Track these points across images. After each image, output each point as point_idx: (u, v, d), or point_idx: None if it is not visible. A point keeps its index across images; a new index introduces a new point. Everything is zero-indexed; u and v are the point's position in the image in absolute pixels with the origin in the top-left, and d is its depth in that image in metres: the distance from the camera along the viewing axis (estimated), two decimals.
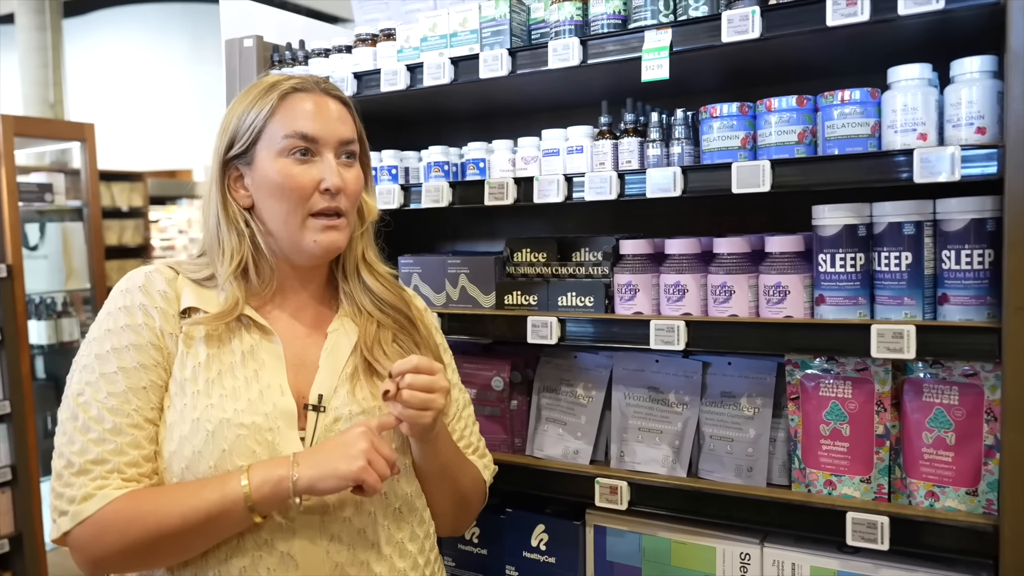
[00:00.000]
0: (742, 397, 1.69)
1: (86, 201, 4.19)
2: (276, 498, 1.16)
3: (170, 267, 1.32)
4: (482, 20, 1.84)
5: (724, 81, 1.93)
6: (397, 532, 1.31)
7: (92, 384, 1.20)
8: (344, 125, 1.30)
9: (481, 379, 1.93)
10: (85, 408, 1.19)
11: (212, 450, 1.19)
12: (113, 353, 1.21)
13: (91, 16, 11.19)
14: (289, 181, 1.25)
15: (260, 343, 1.28)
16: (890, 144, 1.46)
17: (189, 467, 1.19)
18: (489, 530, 1.92)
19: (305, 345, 1.33)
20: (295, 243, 1.28)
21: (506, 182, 1.78)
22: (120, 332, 1.23)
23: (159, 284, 1.28)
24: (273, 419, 1.23)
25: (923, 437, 1.48)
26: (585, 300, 1.77)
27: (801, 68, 1.80)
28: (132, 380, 1.21)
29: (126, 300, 1.26)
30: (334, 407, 1.27)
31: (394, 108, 2.22)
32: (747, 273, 1.61)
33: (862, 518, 1.45)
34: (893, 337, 1.40)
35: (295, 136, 1.25)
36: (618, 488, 1.69)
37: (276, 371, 1.27)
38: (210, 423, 1.20)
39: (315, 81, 1.32)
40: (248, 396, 1.23)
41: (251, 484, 1.15)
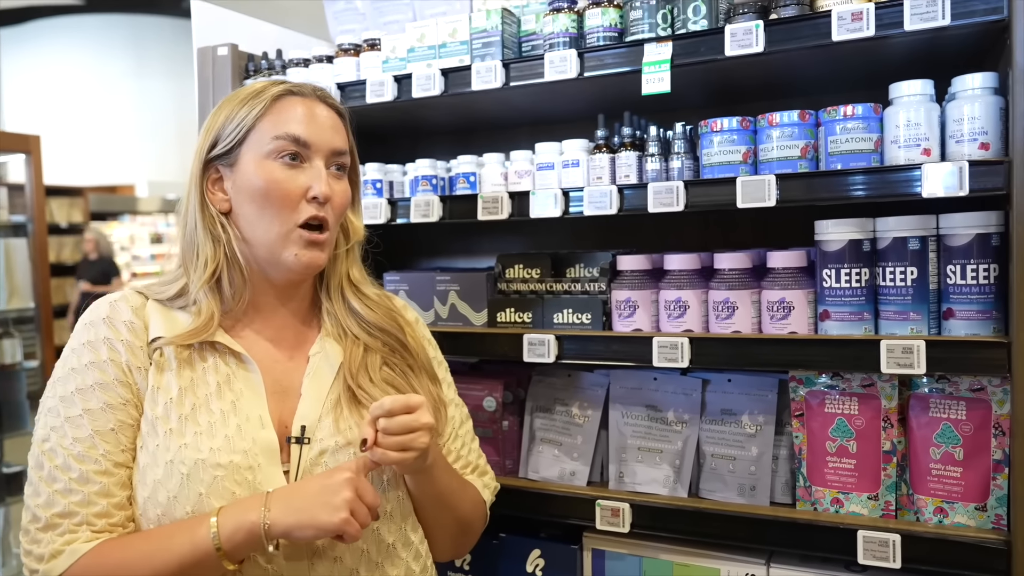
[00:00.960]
0: (743, 415, 1.66)
1: (31, 216, 3.99)
2: (249, 546, 1.08)
3: (138, 292, 1.24)
4: (472, 31, 1.80)
5: (715, 96, 1.93)
6: (392, 569, 1.24)
7: (57, 429, 1.12)
8: (338, 135, 1.24)
9: (472, 399, 1.87)
10: (51, 456, 1.11)
11: (188, 495, 1.11)
12: (78, 394, 1.13)
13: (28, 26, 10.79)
14: (274, 186, 1.18)
15: (236, 371, 1.20)
16: (893, 159, 1.46)
17: (165, 513, 1.11)
18: (481, 556, 1.85)
19: (286, 370, 1.25)
20: (273, 255, 1.20)
21: (500, 196, 1.73)
22: (84, 371, 1.15)
23: (124, 314, 1.19)
24: (253, 456, 1.15)
25: (930, 453, 1.47)
26: (582, 317, 1.72)
27: (795, 84, 1.80)
28: (99, 423, 1.13)
29: (89, 335, 1.17)
30: (319, 439, 1.19)
31: (370, 120, 2.15)
32: (749, 288, 1.59)
33: (873, 536, 1.43)
34: (903, 352, 1.39)
35: (286, 138, 1.18)
36: (620, 510, 1.64)
37: (255, 402, 1.19)
38: (184, 465, 1.11)
39: (312, 88, 1.27)
40: (225, 432, 1.15)
41: (221, 533, 1.07)
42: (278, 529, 1.07)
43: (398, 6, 2.12)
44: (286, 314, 1.28)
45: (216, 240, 1.22)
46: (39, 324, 3.95)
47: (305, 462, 1.17)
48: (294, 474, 1.17)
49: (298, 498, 1.09)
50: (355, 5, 2.25)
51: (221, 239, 1.22)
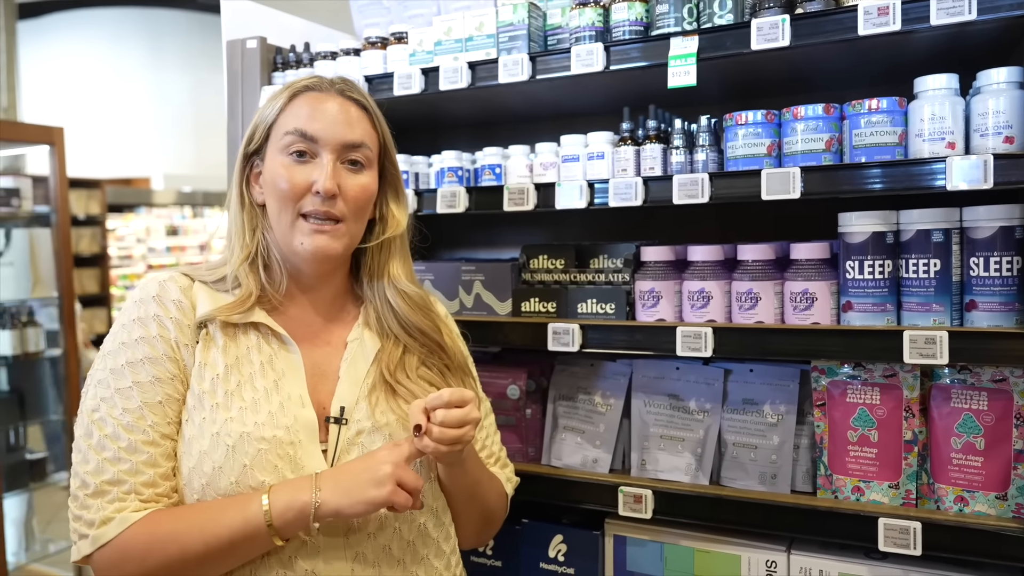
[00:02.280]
0: (765, 404, 1.68)
1: (54, 207, 4.04)
2: (300, 523, 1.12)
3: (185, 274, 1.28)
4: (499, 24, 1.82)
5: (737, 90, 1.95)
6: (423, 548, 1.27)
7: (107, 400, 1.16)
8: (351, 128, 1.25)
9: (496, 388, 1.90)
10: (100, 425, 1.15)
11: (233, 465, 1.15)
12: (128, 367, 1.17)
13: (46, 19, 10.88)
14: (281, 180, 1.22)
15: (278, 352, 1.24)
16: (917, 152, 1.48)
17: (210, 483, 1.15)
18: (504, 541, 1.88)
19: (325, 354, 1.29)
20: (288, 244, 1.24)
21: (526, 188, 1.76)
22: (135, 345, 1.18)
23: (173, 293, 1.23)
24: (295, 432, 1.19)
25: (952, 442, 1.49)
26: (606, 307, 1.75)
27: (817, 78, 1.82)
28: (147, 395, 1.16)
29: (140, 311, 1.21)
30: (356, 420, 1.24)
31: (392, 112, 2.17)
32: (772, 280, 1.61)
33: (894, 524, 1.45)
34: (926, 343, 1.41)
35: (293, 133, 1.22)
36: (643, 497, 1.67)
37: (296, 382, 1.23)
38: (230, 437, 1.15)
39: (331, 82, 1.29)
40: (269, 408, 1.19)
41: (273, 509, 1.11)
42: (328, 508, 1.11)
43: (423, 0, 2.15)
44: (322, 300, 1.32)
45: (252, 230, 1.28)
46: (62, 313, 4.00)
47: (343, 442, 1.22)
48: (332, 452, 1.21)
49: (346, 478, 1.14)
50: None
51: (256, 229, 1.28)
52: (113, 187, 9.43)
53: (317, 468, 1.18)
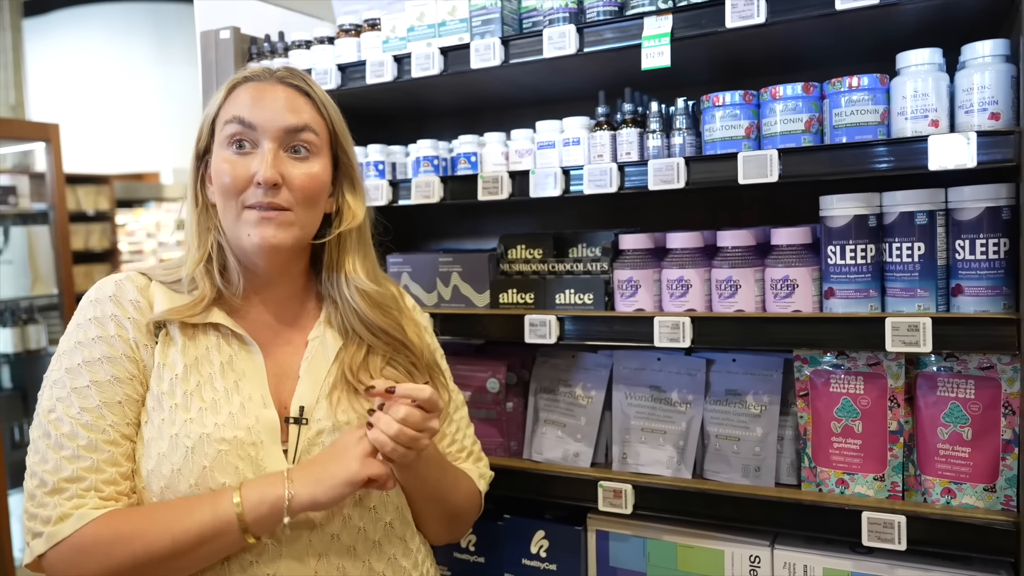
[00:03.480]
0: (748, 395, 1.64)
1: (52, 204, 4.04)
2: (272, 518, 1.09)
3: (142, 274, 1.24)
4: (472, 8, 1.77)
5: (721, 71, 1.89)
6: (389, 547, 1.24)
7: (64, 400, 1.12)
8: (293, 114, 1.19)
9: (476, 381, 1.86)
10: (57, 425, 1.11)
11: (192, 467, 1.11)
12: (85, 366, 1.14)
13: (52, 16, 10.91)
14: (224, 174, 1.17)
15: (239, 352, 1.21)
16: (900, 131, 1.42)
17: (169, 486, 1.12)
18: (486, 537, 1.85)
19: (286, 354, 1.26)
20: (237, 239, 1.20)
21: (500, 176, 1.71)
22: (92, 344, 1.15)
23: (130, 293, 1.20)
24: (256, 433, 1.16)
25: (938, 433, 1.44)
26: (584, 297, 1.70)
27: (805, 56, 1.75)
28: (106, 394, 1.13)
29: (96, 311, 1.18)
30: (316, 419, 1.20)
31: (373, 101, 2.14)
32: (753, 267, 1.56)
33: (878, 518, 1.40)
34: (908, 330, 1.36)
35: (233, 122, 1.18)
36: (622, 491, 1.63)
37: (257, 382, 1.20)
38: (189, 439, 1.12)
39: (271, 70, 1.24)
40: (229, 409, 1.16)
41: (245, 504, 1.08)
42: (303, 499, 1.09)
43: None
44: (281, 298, 1.28)
45: (207, 230, 1.24)
46: (62, 310, 4.01)
47: (303, 441, 1.19)
48: (292, 453, 1.18)
49: (316, 468, 1.12)
50: None
51: (211, 229, 1.23)
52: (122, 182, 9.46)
53: (278, 468, 1.15)
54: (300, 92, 1.23)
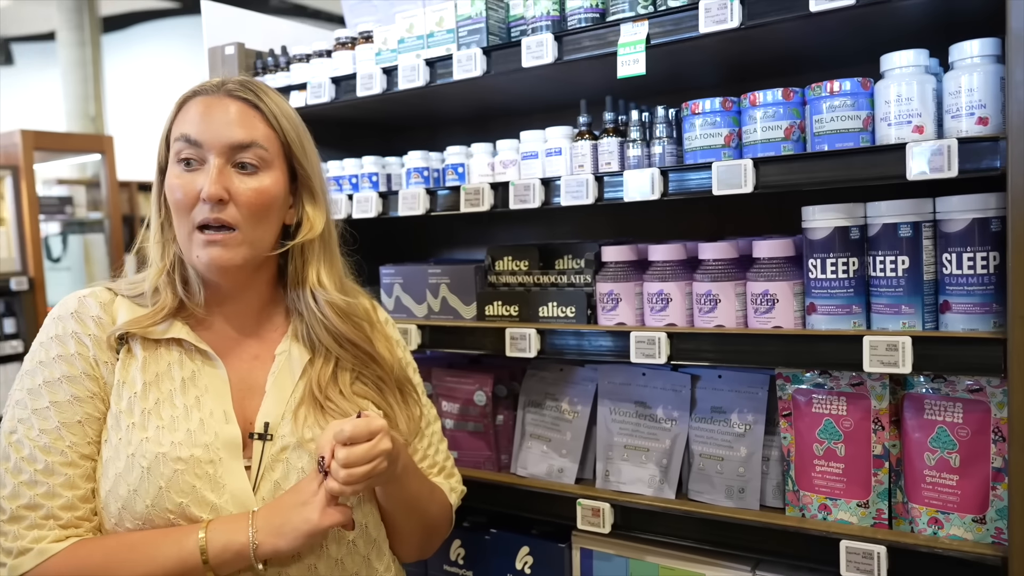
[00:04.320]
0: (733, 413, 1.57)
1: (107, 213, 4.22)
2: (237, 564, 1.10)
3: (108, 288, 1.25)
4: (458, 19, 1.76)
5: (721, 76, 1.83)
6: (352, 566, 1.23)
7: (24, 421, 1.13)
8: (241, 127, 1.17)
9: (464, 393, 1.85)
10: (17, 447, 1.12)
11: (148, 488, 1.11)
12: (45, 387, 1.14)
13: (130, 31, 11.41)
14: (173, 191, 1.17)
15: (202, 368, 1.21)
16: (884, 138, 1.34)
17: (125, 506, 1.12)
18: (474, 551, 1.83)
19: (251, 369, 1.25)
20: (188, 258, 1.19)
21: (482, 188, 1.70)
22: (52, 364, 1.16)
23: (92, 310, 1.20)
24: (214, 450, 1.15)
25: (925, 458, 1.35)
26: (567, 310, 1.67)
27: (802, 60, 1.68)
28: (65, 415, 1.14)
29: (58, 328, 1.18)
30: (281, 435, 1.19)
31: (380, 112, 2.16)
32: (734, 280, 1.49)
33: (857, 547, 1.33)
34: (887, 349, 1.28)
35: (180, 139, 1.17)
36: (600, 510, 1.59)
37: (220, 397, 1.19)
38: (144, 459, 1.12)
39: (220, 83, 1.22)
40: (187, 426, 1.15)
41: (210, 549, 1.08)
42: (266, 549, 1.09)
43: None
44: (245, 311, 1.27)
45: (168, 241, 1.24)
46: None
47: (267, 458, 1.18)
48: (255, 469, 1.17)
49: (278, 517, 1.11)
50: None
51: (172, 240, 1.23)
52: None
53: (238, 485, 1.15)
54: (249, 105, 1.21)
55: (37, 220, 3.85)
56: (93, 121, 9.50)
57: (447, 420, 1.87)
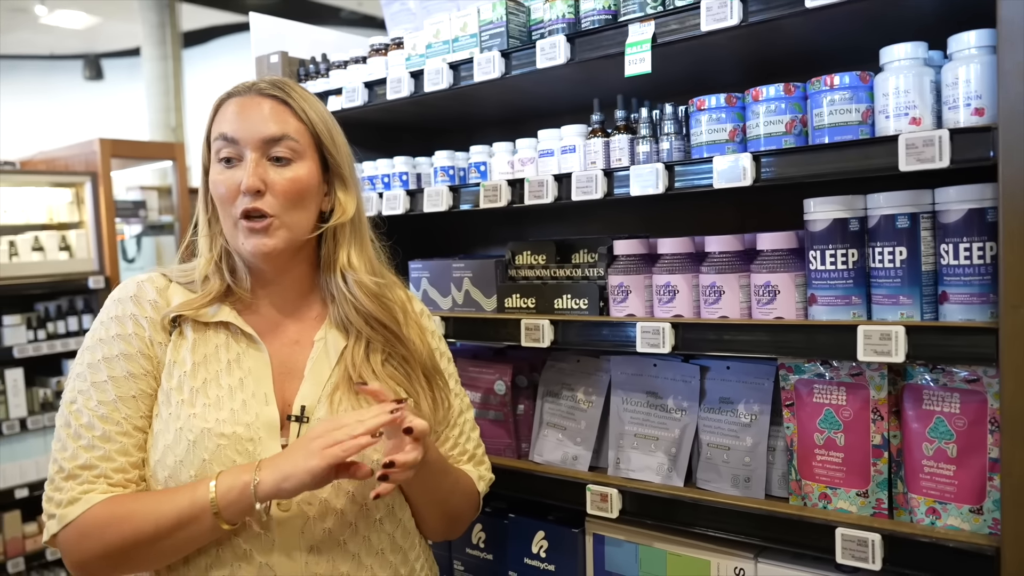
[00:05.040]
0: (740, 403, 1.60)
1: (177, 216, 4.47)
2: (241, 505, 1.15)
3: (163, 275, 1.34)
4: (481, 24, 1.84)
5: (737, 75, 1.85)
6: (378, 542, 1.30)
7: (84, 392, 1.22)
8: (273, 123, 1.26)
9: (484, 383, 1.92)
10: (77, 416, 1.21)
11: (193, 459, 1.20)
12: (104, 363, 1.23)
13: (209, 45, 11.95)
14: (216, 187, 1.27)
15: (247, 351, 1.29)
16: (882, 131, 1.35)
17: (172, 476, 1.21)
18: (493, 535, 1.90)
19: (292, 353, 1.33)
20: (235, 245, 1.29)
21: (500, 184, 1.77)
22: (111, 342, 1.25)
23: (150, 294, 1.30)
24: (255, 429, 1.23)
25: (923, 448, 1.35)
26: (580, 302, 1.73)
27: (814, 58, 1.70)
28: (122, 389, 1.22)
29: (118, 310, 1.28)
30: (316, 418, 1.27)
31: (415, 116, 2.26)
32: (737, 272, 1.52)
33: (852, 535, 1.34)
34: (880, 339, 1.29)
35: (219, 139, 1.27)
36: (608, 496, 1.64)
37: (262, 380, 1.28)
38: (191, 433, 1.21)
39: (252, 84, 1.32)
40: (231, 406, 1.24)
41: (217, 491, 1.15)
42: (266, 486, 1.14)
43: (443, 4, 2.20)
44: (286, 294, 1.36)
45: (215, 235, 1.34)
46: None
47: None
48: None
49: (282, 458, 1.17)
50: (408, 6, 2.35)
51: (218, 234, 1.33)
52: None
53: None
54: (279, 101, 1.30)
55: (114, 223, 4.11)
56: (173, 131, 9.98)
57: None
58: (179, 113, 10.13)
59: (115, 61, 13.09)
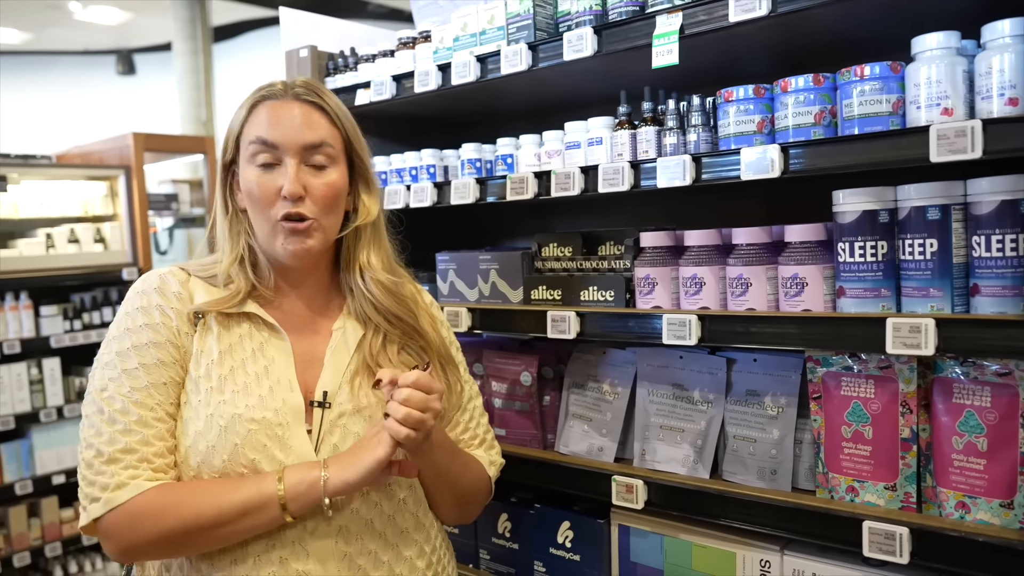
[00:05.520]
0: (767, 396, 1.60)
1: (208, 209, 4.53)
2: (309, 498, 1.20)
3: (182, 269, 1.38)
4: (508, 16, 1.85)
5: (767, 66, 1.84)
6: (402, 522, 1.34)
7: (115, 380, 1.24)
8: (310, 130, 1.30)
9: (510, 374, 1.94)
10: (110, 402, 1.23)
11: (225, 444, 1.23)
12: (134, 351, 1.25)
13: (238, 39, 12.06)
14: (255, 190, 1.29)
15: (269, 340, 1.33)
16: (913, 121, 1.34)
17: (204, 461, 1.24)
18: (519, 525, 1.92)
19: (312, 342, 1.37)
20: (270, 246, 1.32)
21: (527, 176, 1.78)
22: (139, 331, 1.27)
23: (173, 286, 1.32)
24: (283, 415, 1.27)
25: (953, 442, 1.34)
26: (606, 294, 1.73)
27: (845, 48, 1.68)
28: (153, 376, 1.25)
29: (143, 301, 1.30)
30: (338, 403, 1.31)
31: (443, 109, 2.27)
32: (765, 264, 1.52)
33: (880, 528, 1.34)
34: (910, 332, 1.28)
35: (257, 142, 1.29)
36: (634, 487, 1.64)
37: (286, 367, 1.31)
38: (223, 419, 1.24)
39: (289, 86, 1.34)
40: (259, 392, 1.27)
41: (286, 483, 1.20)
42: (336, 480, 1.20)
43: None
44: (309, 293, 1.40)
45: (237, 234, 1.36)
46: None
47: (326, 423, 1.30)
48: (316, 433, 1.29)
49: (346, 455, 1.24)
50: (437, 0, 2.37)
51: (241, 233, 1.36)
52: None
53: (302, 448, 1.27)
54: (315, 107, 1.33)
55: (147, 216, 4.18)
56: (204, 125, 10.10)
57: (496, 400, 1.97)
58: (210, 107, 10.24)
59: (147, 56, 13.27)
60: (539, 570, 1.87)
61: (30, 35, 12.11)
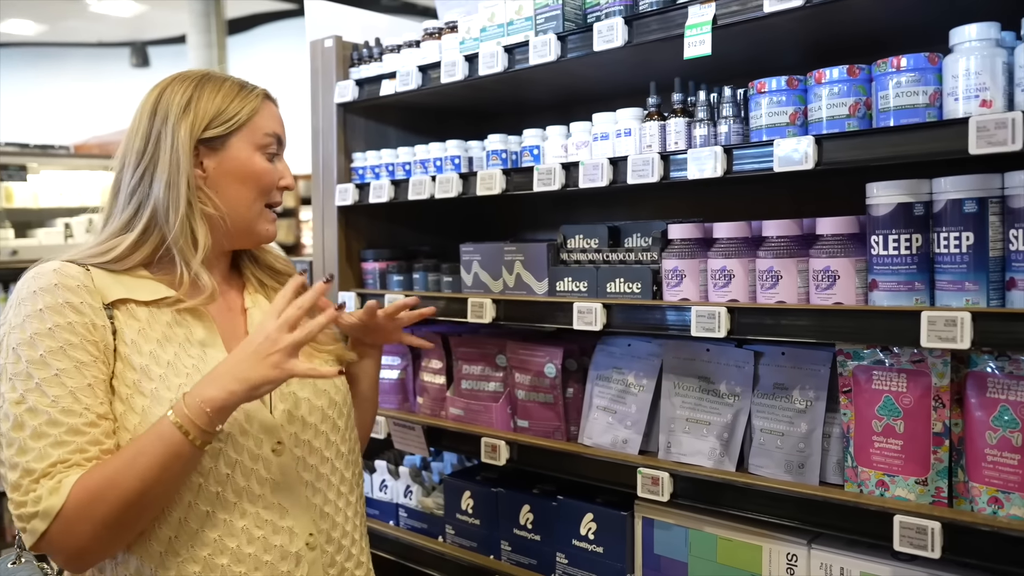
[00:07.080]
0: (795, 389, 1.59)
1: None
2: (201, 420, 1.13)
3: (71, 262, 1.26)
4: (536, 7, 1.85)
5: (800, 57, 1.83)
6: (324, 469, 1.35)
7: (32, 391, 1.14)
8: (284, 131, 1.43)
9: (535, 365, 1.93)
10: (32, 415, 1.13)
11: None
12: (49, 356, 1.15)
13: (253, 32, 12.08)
14: (263, 175, 1.35)
15: (196, 323, 1.29)
16: (951, 113, 1.33)
17: None
18: (542, 516, 1.92)
19: (230, 320, 1.36)
20: (249, 226, 1.35)
21: (554, 168, 1.77)
22: (51, 334, 1.17)
23: (76, 279, 1.22)
24: None
25: (986, 437, 1.33)
26: (633, 286, 1.73)
27: (880, 38, 1.68)
28: (74, 380, 1.16)
29: (47, 300, 1.18)
30: None
31: (468, 100, 2.27)
32: (796, 257, 1.51)
33: (911, 522, 1.33)
34: (945, 325, 1.27)
35: (272, 136, 1.36)
36: (659, 479, 1.64)
37: (218, 347, 1.29)
38: None
39: (266, 92, 1.42)
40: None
41: (176, 414, 1.13)
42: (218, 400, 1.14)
43: None
44: (221, 273, 1.39)
45: (193, 207, 1.28)
46: None
47: (275, 394, 1.28)
48: (269, 400, 1.28)
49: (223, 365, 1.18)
50: None
51: (196, 207, 1.28)
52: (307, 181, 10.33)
53: (261, 415, 1.26)
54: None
55: None
56: None
57: (519, 391, 1.96)
58: None
59: (161, 48, 13.32)
60: (561, 562, 1.87)
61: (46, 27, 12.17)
